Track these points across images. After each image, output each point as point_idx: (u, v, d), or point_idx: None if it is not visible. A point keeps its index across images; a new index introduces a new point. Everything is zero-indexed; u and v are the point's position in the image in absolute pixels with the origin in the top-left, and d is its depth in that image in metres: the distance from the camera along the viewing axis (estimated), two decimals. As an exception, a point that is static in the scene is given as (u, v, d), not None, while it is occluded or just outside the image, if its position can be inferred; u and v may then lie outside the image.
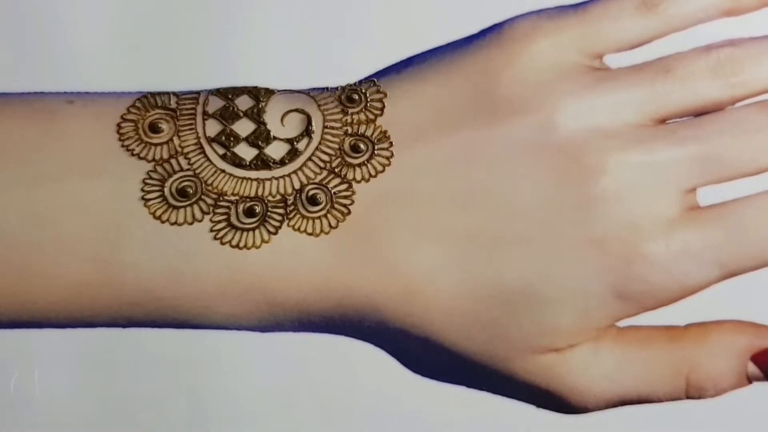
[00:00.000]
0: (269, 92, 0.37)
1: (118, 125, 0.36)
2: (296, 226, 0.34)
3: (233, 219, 0.35)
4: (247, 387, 0.32)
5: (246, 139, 0.36)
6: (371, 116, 0.37)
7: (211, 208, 0.35)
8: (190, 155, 0.36)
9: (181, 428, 0.31)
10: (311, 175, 0.36)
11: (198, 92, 0.37)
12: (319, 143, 0.36)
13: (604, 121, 0.35)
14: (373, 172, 0.36)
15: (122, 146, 0.35)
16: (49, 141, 0.35)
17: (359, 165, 0.36)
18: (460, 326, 0.34)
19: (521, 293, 0.34)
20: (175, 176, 0.35)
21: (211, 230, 0.34)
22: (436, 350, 0.35)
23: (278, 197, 0.35)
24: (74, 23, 0.37)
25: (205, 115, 0.37)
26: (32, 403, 0.31)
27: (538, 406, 0.36)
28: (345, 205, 0.35)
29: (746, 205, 0.35)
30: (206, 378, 0.32)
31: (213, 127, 0.36)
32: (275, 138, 0.36)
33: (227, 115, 0.37)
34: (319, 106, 0.37)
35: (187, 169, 0.35)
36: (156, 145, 0.36)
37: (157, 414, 0.31)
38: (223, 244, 0.34)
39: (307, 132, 0.37)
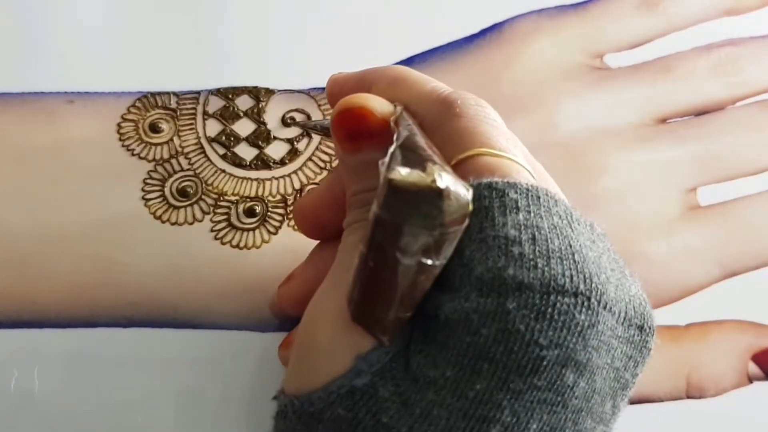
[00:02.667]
0: (269, 92, 0.37)
1: (118, 125, 0.36)
2: (296, 226, 0.34)
3: (233, 219, 0.34)
4: (246, 387, 0.32)
5: (246, 139, 0.36)
6: (371, 116, 0.37)
7: (212, 208, 0.35)
8: (190, 155, 0.36)
9: (181, 428, 0.31)
10: (311, 174, 0.36)
11: (198, 92, 0.37)
12: (319, 143, 0.36)
13: (604, 120, 0.35)
14: (373, 172, 0.36)
15: (122, 146, 0.35)
16: (49, 141, 0.35)
17: (359, 165, 0.36)
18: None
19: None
20: (176, 176, 0.35)
21: (212, 230, 0.34)
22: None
23: (278, 197, 0.35)
24: (74, 23, 0.37)
25: (206, 115, 0.37)
26: (32, 402, 0.31)
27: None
28: (345, 205, 0.35)
29: (746, 205, 0.35)
30: (206, 378, 0.32)
31: (213, 127, 0.36)
32: (275, 138, 0.37)
33: (227, 115, 0.37)
34: (319, 105, 0.37)
35: (188, 169, 0.35)
36: (156, 145, 0.36)
37: (157, 414, 0.31)
38: (223, 244, 0.34)
39: (308, 132, 0.37)
